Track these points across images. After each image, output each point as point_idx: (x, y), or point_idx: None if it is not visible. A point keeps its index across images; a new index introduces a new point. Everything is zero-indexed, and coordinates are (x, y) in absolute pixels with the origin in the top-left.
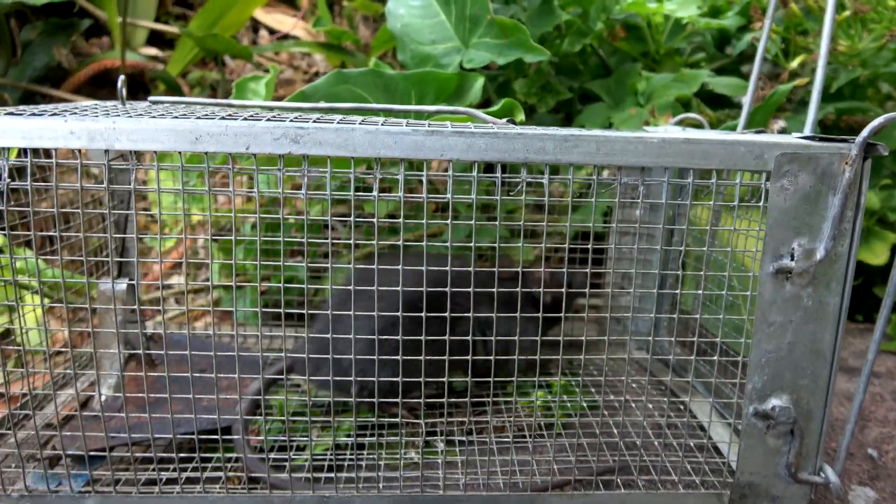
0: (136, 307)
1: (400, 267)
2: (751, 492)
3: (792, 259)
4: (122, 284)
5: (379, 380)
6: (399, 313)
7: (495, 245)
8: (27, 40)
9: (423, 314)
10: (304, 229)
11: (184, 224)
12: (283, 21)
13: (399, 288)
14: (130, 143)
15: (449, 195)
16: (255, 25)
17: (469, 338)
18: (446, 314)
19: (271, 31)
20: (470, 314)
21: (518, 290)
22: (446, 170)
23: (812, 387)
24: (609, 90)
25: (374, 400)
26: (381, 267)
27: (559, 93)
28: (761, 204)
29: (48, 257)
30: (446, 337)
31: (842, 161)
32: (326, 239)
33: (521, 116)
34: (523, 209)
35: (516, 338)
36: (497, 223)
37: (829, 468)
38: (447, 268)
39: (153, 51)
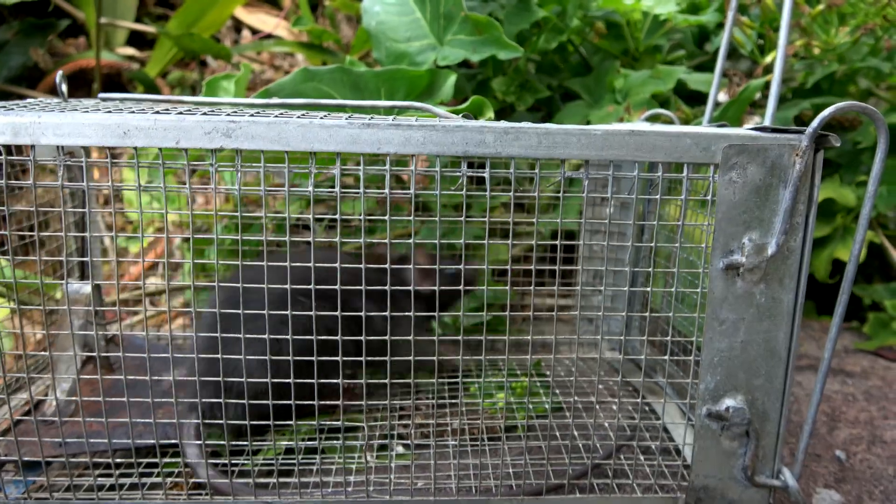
0: (74, 307)
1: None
2: (706, 495)
3: (742, 254)
4: (86, 288)
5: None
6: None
7: (477, 243)
8: (3, 40)
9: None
10: (239, 229)
11: (115, 224)
12: (265, 21)
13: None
14: (56, 138)
15: (386, 191)
16: (238, 25)
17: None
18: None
19: (254, 31)
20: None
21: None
22: (430, 166)
23: (767, 387)
24: (588, 88)
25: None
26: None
27: (538, 91)
28: (709, 198)
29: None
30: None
31: (792, 153)
32: (303, 238)
33: (489, 114)
34: (464, 204)
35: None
36: (439, 219)
37: (787, 471)
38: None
39: (131, 51)
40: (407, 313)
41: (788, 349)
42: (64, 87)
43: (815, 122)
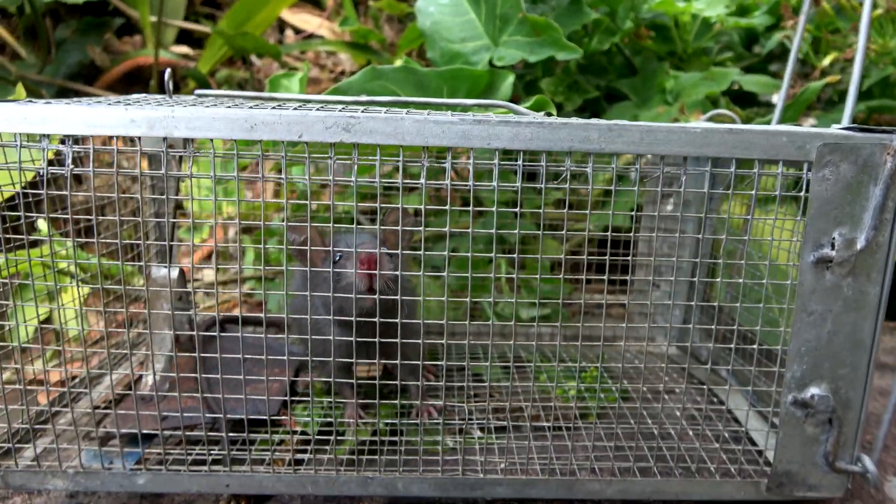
0: (180, 290)
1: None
2: (788, 480)
3: (832, 248)
4: (174, 271)
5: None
6: None
7: (529, 236)
8: (61, 38)
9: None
10: (354, 220)
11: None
12: (308, 21)
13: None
14: (188, 131)
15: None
16: (282, 25)
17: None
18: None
19: (297, 31)
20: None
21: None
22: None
23: (851, 376)
24: (635, 89)
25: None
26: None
27: (586, 91)
28: (802, 194)
29: (92, 244)
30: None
31: (884, 151)
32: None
33: (553, 112)
34: (567, 199)
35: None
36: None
37: (866, 458)
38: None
39: (185, 49)
40: None
41: (873, 340)
42: (170, 85)
43: None
